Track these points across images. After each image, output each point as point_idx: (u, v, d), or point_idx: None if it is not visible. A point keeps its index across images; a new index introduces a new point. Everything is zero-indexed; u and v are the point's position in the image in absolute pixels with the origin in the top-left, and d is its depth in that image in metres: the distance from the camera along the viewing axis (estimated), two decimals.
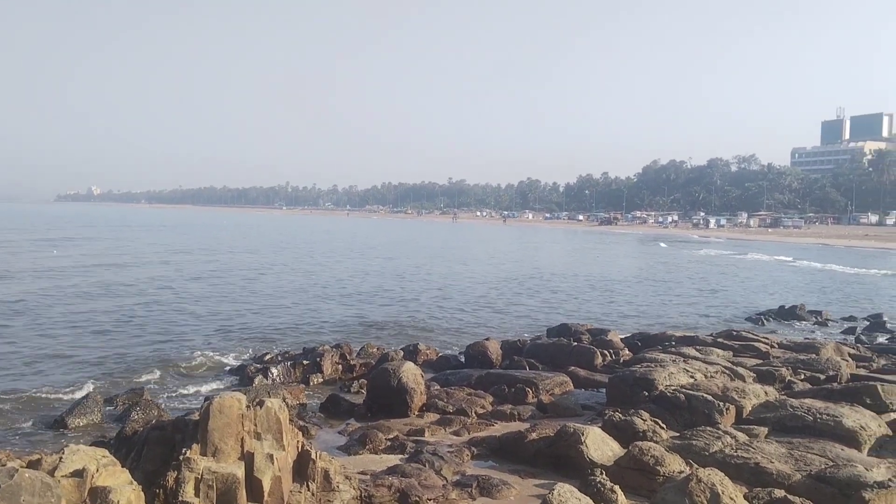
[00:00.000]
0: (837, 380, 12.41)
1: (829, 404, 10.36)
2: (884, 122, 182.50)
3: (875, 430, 9.77)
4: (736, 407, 10.64)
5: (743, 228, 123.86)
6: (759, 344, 16.28)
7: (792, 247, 79.60)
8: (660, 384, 11.71)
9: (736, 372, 12.72)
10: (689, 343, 16.35)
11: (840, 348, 16.24)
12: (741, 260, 59.88)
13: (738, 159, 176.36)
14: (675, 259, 59.72)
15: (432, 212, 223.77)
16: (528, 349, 17.19)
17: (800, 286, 39.37)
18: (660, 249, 73.18)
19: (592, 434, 9.36)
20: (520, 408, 12.37)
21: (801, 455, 8.88)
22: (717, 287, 37.66)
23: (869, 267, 53.85)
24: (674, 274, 45.24)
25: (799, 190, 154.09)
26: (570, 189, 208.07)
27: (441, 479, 8.72)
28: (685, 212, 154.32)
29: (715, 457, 8.84)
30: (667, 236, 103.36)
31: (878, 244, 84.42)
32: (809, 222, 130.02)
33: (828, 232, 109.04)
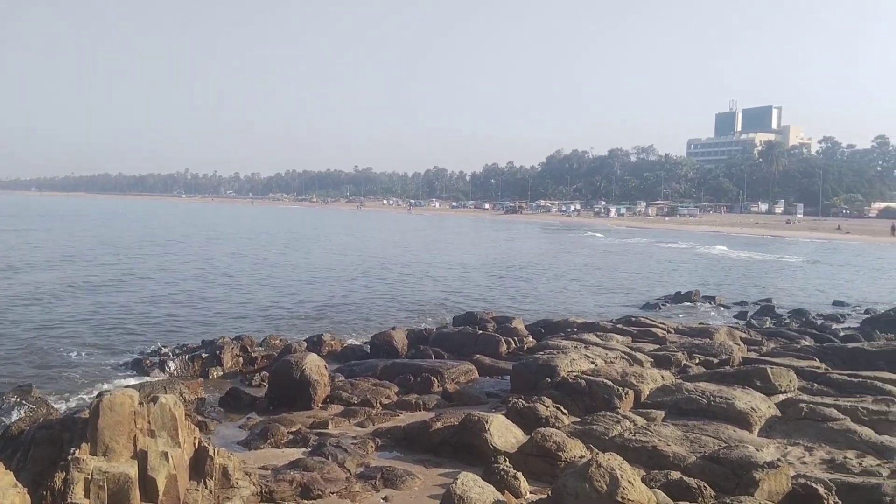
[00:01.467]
0: (730, 363, 12.89)
1: (721, 387, 10.73)
2: (773, 115, 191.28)
3: (765, 412, 10.18)
4: (634, 391, 10.90)
5: (642, 217, 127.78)
6: (656, 329, 16.77)
7: (687, 234, 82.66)
8: (562, 370, 11.88)
9: (634, 357, 13.05)
10: (590, 329, 16.68)
11: (732, 333, 16.90)
12: (640, 247, 61.74)
13: (638, 150, 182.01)
14: (579, 246, 61.07)
15: (338, 200, 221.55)
16: (434, 338, 17.19)
17: (695, 272, 40.87)
18: (564, 237, 74.72)
19: (496, 422, 9.39)
20: (425, 397, 12.33)
21: (695, 437, 9.16)
22: (617, 274, 38.69)
23: (759, 253, 56.48)
24: (577, 261, 46.23)
25: (694, 180, 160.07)
26: (477, 178, 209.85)
27: (344, 471, 8.59)
28: (587, 201, 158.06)
29: (614, 441, 9.02)
30: (570, 224, 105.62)
31: (767, 231, 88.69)
32: (704, 211, 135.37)
33: (721, 220, 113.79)
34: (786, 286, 35.18)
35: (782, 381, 11.18)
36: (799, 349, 14.91)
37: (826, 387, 11.62)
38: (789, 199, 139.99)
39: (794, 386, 11.40)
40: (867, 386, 11.31)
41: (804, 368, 12.56)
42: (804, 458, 8.90)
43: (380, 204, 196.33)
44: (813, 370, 12.55)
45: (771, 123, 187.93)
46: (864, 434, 9.39)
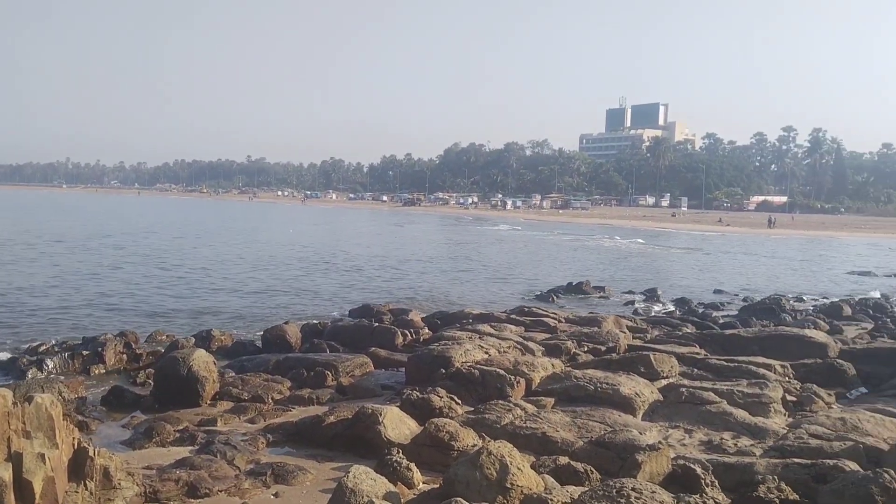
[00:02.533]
0: (616, 351, 13.33)
1: (608, 374, 11.09)
2: (660, 112, 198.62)
3: (648, 397, 10.59)
4: (526, 380, 11.12)
5: (537, 210, 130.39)
6: (548, 319, 17.17)
7: (579, 227, 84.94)
8: (456, 361, 11.99)
9: (527, 346, 13.32)
10: (485, 320, 16.90)
11: (619, 321, 17.49)
12: (535, 239, 63.03)
13: (533, 144, 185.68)
14: (476, 238, 61.78)
15: (230, 191, 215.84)
16: (329, 332, 17.04)
17: (586, 264, 42.04)
18: (461, 229, 75.42)
19: (390, 414, 9.39)
20: (319, 391, 12.21)
21: (583, 423, 9.44)
22: (513, 265, 39.38)
23: (646, 245, 58.66)
24: (474, 253, 46.76)
25: (587, 174, 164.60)
26: (375, 170, 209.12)
27: (233, 468, 8.40)
28: (484, 193, 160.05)
29: (506, 429, 9.18)
30: (467, 216, 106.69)
31: (654, 224, 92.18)
32: (595, 204, 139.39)
33: (611, 213, 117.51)
34: (671, 276, 36.66)
35: (664, 367, 11.66)
36: (681, 336, 15.57)
37: (705, 372, 12.19)
38: (675, 192, 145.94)
39: (675, 371, 11.90)
40: (742, 370, 11.93)
41: (685, 354, 13.13)
42: (684, 440, 9.30)
43: (274, 195, 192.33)
44: (693, 356, 13.15)
45: (658, 120, 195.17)
46: (740, 416, 9.89)
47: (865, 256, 52.24)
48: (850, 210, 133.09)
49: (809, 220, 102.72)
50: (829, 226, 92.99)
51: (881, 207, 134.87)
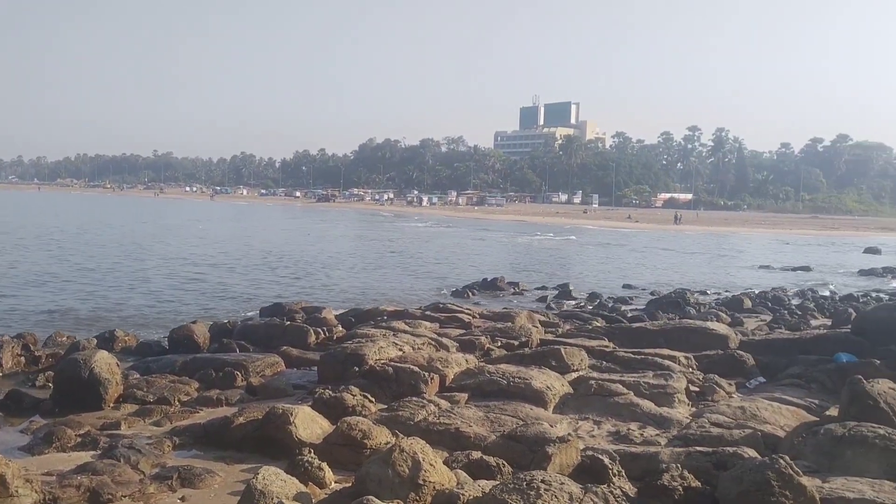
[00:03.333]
0: (529, 345, 13.51)
1: (520, 368, 11.24)
2: (572, 110, 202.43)
3: (559, 390, 10.77)
4: (440, 376, 11.15)
5: (453, 206, 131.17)
6: (462, 315, 17.27)
7: (495, 223, 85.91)
8: (370, 359, 11.93)
9: (441, 343, 13.37)
10: (400, 317, 16.87)
11: (532, 316, 17.74)
12: (451, 235, 63.34)
13: (448, 140, 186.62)
14: (392, 235, 61.64)
15: (135, 186, 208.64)
16: (239, 331, 16.69)
17: (501, 259, 42.56)
18: (377, 225, 75.10)
19: (302, 413, 9.27)
20: (228, 392, 11.93)
21: (496, 417, 9.53)
22: (429, 262, 39.46)
23: (560, 241, 59.76)
24: (390, 249, 46.64)
25: (501, 171, 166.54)
26: (287, 165, 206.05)
27: (138, 473, 8.14)
28: (400, 190, 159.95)
29: (419, 425, 9.19)
30: (383, 213, 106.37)
31: (567, 220, 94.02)
32: (511, 201, 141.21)
33: (525, 209, 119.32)
34: (583, 271, 37.47)
35: (574, 360, 11.90)
36: (591, 330, 15.93)
37: (613, 364, 12.49)
38: (586, 189, 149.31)
39: (585, 364, 12.16)
40: (648, 362, 12.28)
41: (594, 348, 13.43)
42: (593, 432, 9.51)
43: (181, 191, 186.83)
44: (602, 349, 13.46)
45: (570, 118, 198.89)
46: (646, 407, 10.18)
47: (765, 251, 54.63)
48: (752, 207, 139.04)
49: (713, 217, 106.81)
50: (731, 222, 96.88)
51: (780, 204, 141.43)
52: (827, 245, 64.72)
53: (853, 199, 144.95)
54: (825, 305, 25.13)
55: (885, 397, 8.96)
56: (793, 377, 12.25)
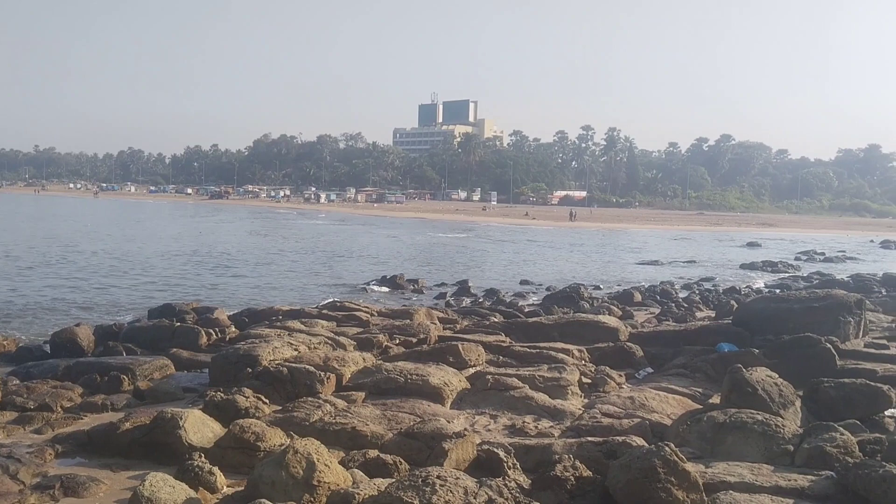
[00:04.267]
0: (427, 342, 13.54)
1: (418, 365, 11.25)
2: (470, 108, 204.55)
3: (456, 385, 10.85)
4: (336, 375, 11.04)
5: (352, 203, 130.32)
6: (360, 313, 17.14)
7: (394, 220, 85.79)
8: (264, 360, 11.69)
9: (338, 342, 13.23)
10: (295, 317, 16.60)
11: (430, 313, 17.80)
12: (350, 232, 62.85)
13: (346, 137, 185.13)
14: (288, 232, 60.62)
15: (15, 183, 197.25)
16: (126, 333, 16.03)
17: (401, 257, 42.50)
18: (274, 223, 73.65)
19: (192, 417, 8.98)
20: (114, 397, 11.44)
21: (393, 415, 9.50)
22: (327, 260, 39.01)
23: (459, 238, 60.24)
24: (287, 247, 45.86)
25: (401, 167, 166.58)
26: (178, 161, 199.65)
27: (17, 483, 7.72)
28: (297, 186, 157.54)
29: (315, 426, 9.07)
30: (280, 210, 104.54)
31: (467, 217, 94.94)
32: (410, 198, 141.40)
33: (425, 207, 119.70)
34: (482, 268, 37.90)
35: (472, 356, 12.01)
36: (488, 326, 16.10)
37: (510, 359, 12.68)
38: (485, 187, 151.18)
39: (482, 360, 12.29)
40: (543, 356, 12.52)
41: (492, 343, 13.60)
42: (489, 426, 9.62)
43: (65, 188, 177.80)
44: (499, 344, 13.64)
45: (468, 116, 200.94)
46: (540, 400, 10.37)
47: (654, 247, 56.65)
48: (642, 204, 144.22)
49: (606, 214, 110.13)
50: (623, 219, 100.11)
51: (668, 202, 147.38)
52: (712, 240, 67.74)
53: (736, 196, 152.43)
54: (710, 298, 26.27)
55: (763, 385, 9.42)
56: (678, 367, 12.73)
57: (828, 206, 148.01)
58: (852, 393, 9.72)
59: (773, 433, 8.09)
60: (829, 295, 15.10)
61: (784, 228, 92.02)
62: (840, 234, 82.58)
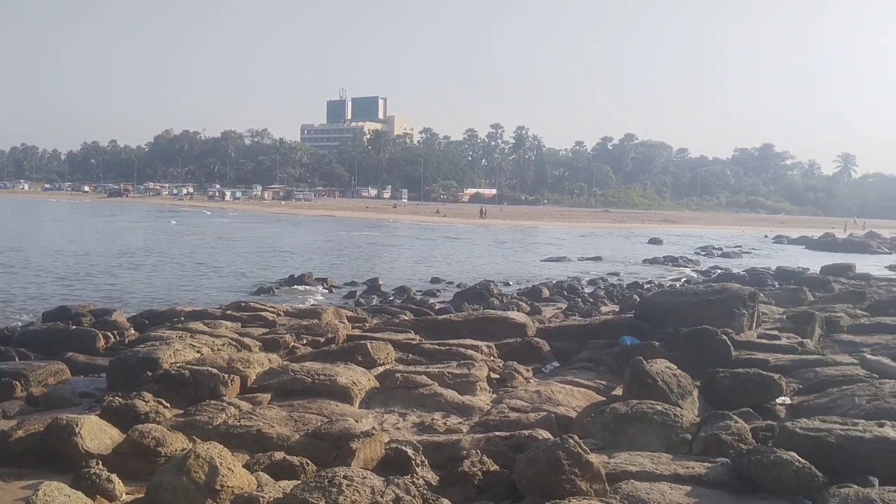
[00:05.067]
0: (335, 342, 13.41)
1: (326, 365, 11.13)
2: (380, 105, 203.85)
3: (365, 385, 10.78)
4: (241, 377, 10.80)
5: (258, 201, 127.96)
6: (266, 313, 16.82)
7: (303, 218, 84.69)
8: (164, 362, 11.34)
9: (243, 343, 12.95)
10: (198, 318, 16.15)
11: (339, 312, 17.63)
12: (257, 231, 61.68)
13: (252, 133, 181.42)
14: (190, 231, 59.00)
15: None
16: (18, 337, 15.27)
17: (310, 255, 41.98)
18: (176, 222, 71.52)
19: (88, 423, 8.63)
20: (5, 404, 10.87)
21: (300, 416, 9.37)
22: (233, 259, 38.17)
23: (371, 236, 59.98)
24: (191, 247, 44.65)
25: (309, 164, 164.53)
26: (74, 157, 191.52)
27: None
28: (201, 184, 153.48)
29: (219, 429, 8.85)
30: (183, 208, 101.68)
31: (377, 215, 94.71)
32: (319, 195, 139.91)
33: (335, 204, 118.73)
34: (393, 266, 37.84)
35: (381, 355, 11.97)
36: (398, 324, 16.07)
37: (419, 356, 12.69)
38: (396, 184, 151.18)
39: (391, 358, 12.27)
40: (453, 353, 12.59)
41: (401, 341, 13.59)
42: (398, 424, 9.61)
43: None
44: (409, 342, 13.65)
45: (378, 113, 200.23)
46: (449, 396, 10.43)
47: (562, 243, 57.84)
48: (550, 202, 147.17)
49: (516, 211, 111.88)
50: (532, 216, 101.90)
51: (575, 199, 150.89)
52: (617, 237, 69.69)
53: (639, 193, 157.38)
54: (614, 293, 26.99)
55: (663, 376, 9.75)
56: (584, 361, 13.01)
57: (725, 203, 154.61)
58: (746, 382, 10.14)
59: (672, 423, 8.37)
60: (724, 288, 15.76)
61: (685, 225, 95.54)
62: (737, 230, 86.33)
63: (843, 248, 57.20)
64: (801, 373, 11.61)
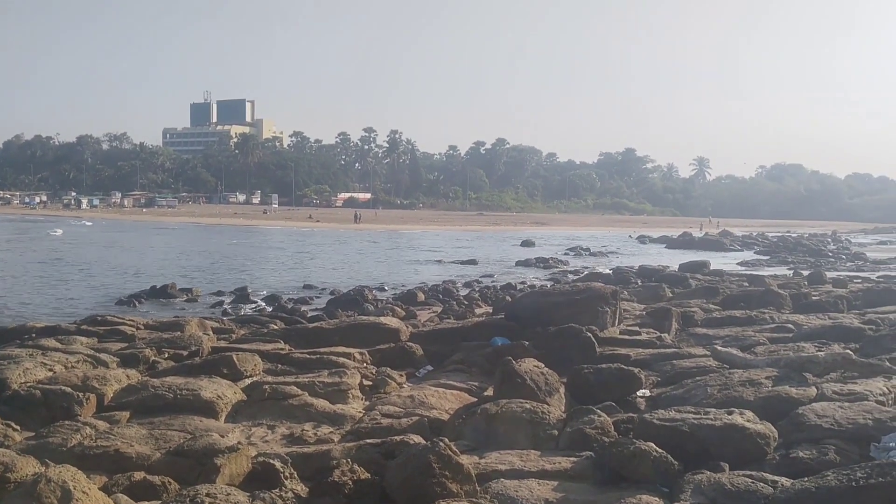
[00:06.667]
0: (199, 355, 12.92)
1: (189, 379, 10.70)
2: (247, 108, 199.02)
3: (231, 398, 10.43)
4: (97, 395, 10.23)
5: (118, 208, 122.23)
6: (124, 327, 16.00)
7: (164, 226, 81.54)
8: (13, 382, 10.58)
9: (99, 359, 12.25)
10: (51, 334, 15.17)
11: (204, 323, 17.01)
12: (115, 240, 58.82)
13: (110, 137, 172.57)
14: (46, 242, 55.55)
15: None
16: None
17: (175, 264, 40.43)
18: (26, 232, 67.08)
19: None
20: None
21: (161, 433, 8.96)
22: (91, 270, 36.26)
23: (238, 243, 58.36)
24: (40, 258, 42.00)
25: (172, 170, 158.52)
26: None
27: None
28: (55, 191, 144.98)
29: (74, 451, 8.36)
30: (35, 217, 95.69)
31: (246, 221, 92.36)
32: (183, 202, 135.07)
33: (201, 211, 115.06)
34: (262, 273, 36.99)
35: (247, 366, 11.62)
36: (266, 333, 15.67)
37: (289, 366, 12.40)
38: (266, 189, 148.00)
39: (259, 369, 11.94)
40: (324, 361, 12.38)
41: (269, 351, 13.25)
42: (266, 437, 9.35)
43: None
44: (278, 352, 13.32)
45: (245, 116, 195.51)
46: (320, 406, 10.25)
47: (438, 247, 58.35)
48: (426, 205, 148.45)
49: (391, 215, 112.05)
50: (407, 220, 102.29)
51: (450, 202, 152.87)
52: (491, 239, 70.98)
53: (512, 196, 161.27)
54: (488, 295, 27.43)
55: (531, 374, 9.99)
56: (457, 363, 13.12)
57: (592, 205, 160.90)
58: (608, 377, 10.53)
59: (540, 420, 8.58)
60: (588, 288, 16.32)
61: (555, 227, 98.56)
62: (603, 231, 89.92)
63: (699, 245, 60.80)
64: (660, 366, 12.15)
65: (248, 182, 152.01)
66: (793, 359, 10.71)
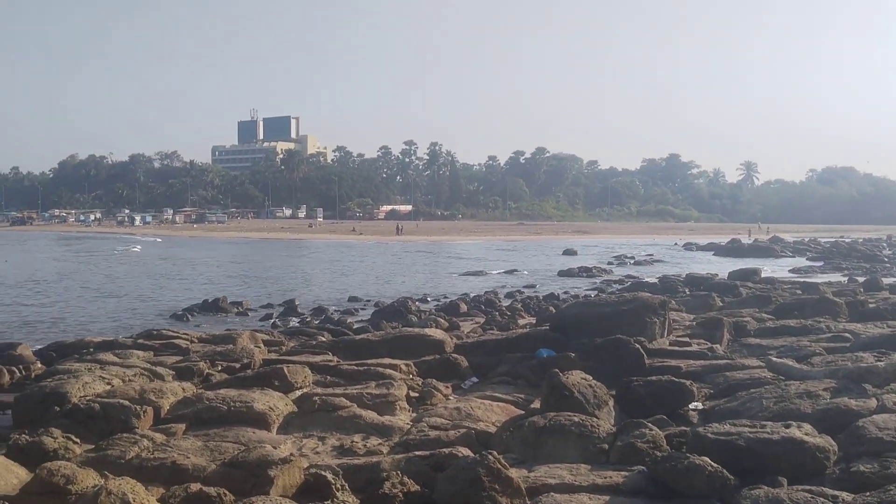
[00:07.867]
0: (251, 367, 13.12)
1: (242, 391, 10.89)
2: (292, 125, 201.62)
3: (283, 410, 10.60)
4: (154, 408, 10.47)
5: (170, 225, 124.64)
6: (179, 341, 16.37)
7: (217, 241, 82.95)
8: (73, 396, 10.88)
9: (155, 372, 12.55)
10: (108, 348, 15.57)
11: (255, 336, 17.27)
12: (169, 256, 60.03)
13: (161, 156, 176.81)
14: (102, 259, 56.98)
15: None
16: None
17: (224, 278, 41.13)
18: (84, 249, 68.91)
19: None
20: None
21: (216, 445, 9.14)
22: (145, 286, 37.03)
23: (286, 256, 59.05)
24: (100, 274, 43.09)
25: (221, 186, 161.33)
26: None
27: None
28: (109, 209, 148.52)
29: (132, 463, 8.57)
30: (91, 235, 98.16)
31: (293, 235, 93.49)
32: (233, 217, 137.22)
33: (249, 226, 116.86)
34: (309, 286, 37.40)
35: (298, 378, 11.78)
36: (315, 345, 15.87)
37: (337, 378, 12.53)
38: (311, 203, 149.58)
39: (309, 381, 12.09)
40: (371, 373, 12.49)
41: (318, 363, 13.40)
42: (317, 449, 9.47)
43: None
44: (326, 364, 13.46)
45: (290, 132, 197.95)
46: (369, 417, 10.35)
47: (479, 257, 58.32)
48: (465, 216, 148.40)
49: (432, 227, 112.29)
50: (448, 231, 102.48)
51: (490, 213, 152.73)
52: (532, 249, 70.69)
53: (552, 205, 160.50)
54: (531, 305, 27.31)
55: (579, 387, 9.93)
56: (502, 375, 13.13)
57: (635, 212, 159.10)
58: (659, 389, 10.40)
59: (590, 433, 8.54)
60: (635, 298, 16.13)
61: (597, 235, 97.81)
62: (648, 239, 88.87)
63: (749, 252, 59.66)
64: (712, 378, 11.96)
65: (294, 197, 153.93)
66: (851, 369, 10.48)
